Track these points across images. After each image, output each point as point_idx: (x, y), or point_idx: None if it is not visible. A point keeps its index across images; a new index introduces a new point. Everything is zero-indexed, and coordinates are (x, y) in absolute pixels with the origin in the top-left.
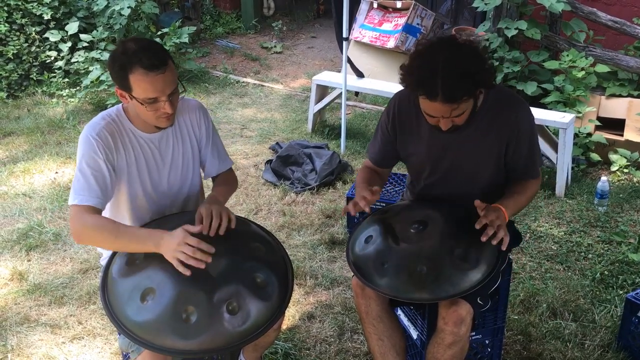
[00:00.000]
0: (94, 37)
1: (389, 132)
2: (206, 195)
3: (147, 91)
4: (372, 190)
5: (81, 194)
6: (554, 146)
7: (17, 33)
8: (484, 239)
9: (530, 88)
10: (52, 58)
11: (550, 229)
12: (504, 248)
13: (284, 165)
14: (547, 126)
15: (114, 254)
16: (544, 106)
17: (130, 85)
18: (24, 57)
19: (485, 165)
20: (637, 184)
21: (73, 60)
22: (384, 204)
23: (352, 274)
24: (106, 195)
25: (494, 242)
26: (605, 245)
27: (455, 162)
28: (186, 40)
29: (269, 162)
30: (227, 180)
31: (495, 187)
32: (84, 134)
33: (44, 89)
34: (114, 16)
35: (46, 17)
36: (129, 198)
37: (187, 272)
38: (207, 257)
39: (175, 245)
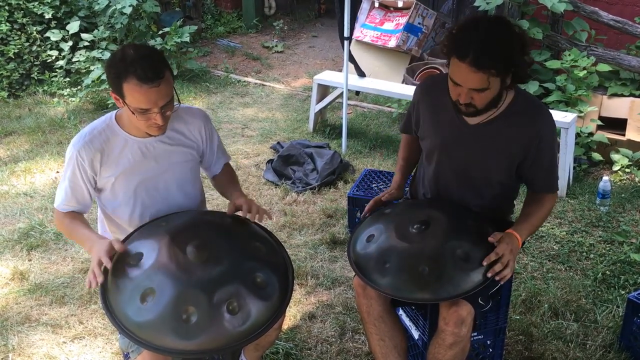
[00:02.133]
0: (95, 37)
1: (416, 106)
2: (205, 195)
3: (140, 102)
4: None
5: (61, 202)
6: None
7: (18, 32)
8: (489, 275)
9: (532, 87)
10: (53, 57)
11: (552, 228)
12: (502, 282)
13: (285, 164)
14: None
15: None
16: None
17: (124, 93)
18: (25, 57)
19: (497, 168)
20: (639, 184)
21: (74, 59)
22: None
23: (354, 273)
24: (84, 204)
25: (497, 278)
26: (607, 245)
27: (468, 157)
28: (187, 39)
29: (270, 161)
30: (231, 175)
31: (500, 198)
32: (69, 147)
33: (45, 88)
34: (115, 15)
35: (47, 16)
36: (126, 200)
37: (91, 283)
38: (94, 281)
39: (95, 256)
